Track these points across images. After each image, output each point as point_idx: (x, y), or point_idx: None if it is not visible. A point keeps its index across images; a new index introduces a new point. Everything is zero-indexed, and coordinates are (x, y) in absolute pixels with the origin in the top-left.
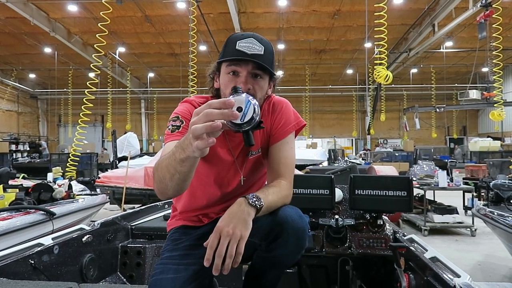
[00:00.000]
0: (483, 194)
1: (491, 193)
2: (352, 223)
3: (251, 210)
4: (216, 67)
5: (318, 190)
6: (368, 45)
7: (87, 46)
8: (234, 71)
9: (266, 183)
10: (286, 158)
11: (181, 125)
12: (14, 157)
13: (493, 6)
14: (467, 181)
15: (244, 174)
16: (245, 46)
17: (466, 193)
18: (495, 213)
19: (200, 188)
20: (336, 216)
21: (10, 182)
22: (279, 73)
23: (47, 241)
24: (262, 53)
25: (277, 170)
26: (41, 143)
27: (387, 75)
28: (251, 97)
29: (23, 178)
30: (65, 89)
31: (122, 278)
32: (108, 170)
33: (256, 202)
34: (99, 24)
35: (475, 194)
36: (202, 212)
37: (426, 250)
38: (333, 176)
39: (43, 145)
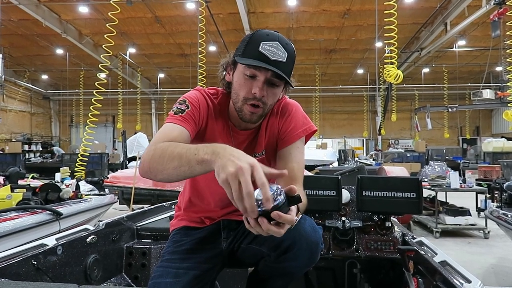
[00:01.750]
0: (496, 195)
1: (504, 194)
2: (360, 225)
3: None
4: (233, 61)
5: (325, 191)
6: (378, 44)
7: (98, 47)
8: (252, 74)
9: None
10: (298, 163)
11: (186, 110)
12: (26, 157)
13: (507, 3)
14: (480, 182)
15: None
16: (269, 50)
17: (479, 195)
18: (509, 215)
19: (208, 189)
20: (343, 218)
21: (20, 182)
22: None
23: (51, 241)
24: (285, 60)
25: (290, 175)
26: (53, 150)
27: (397, 74)
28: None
29: (32, 178)
30: (76, 90)
31: (127, 279)
32: (118, 170)
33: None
34: (107, 25)
35: (488, 195)
36: (206, 214)
37: (436, 254)
38: (340, 177)
39: (56, 151)
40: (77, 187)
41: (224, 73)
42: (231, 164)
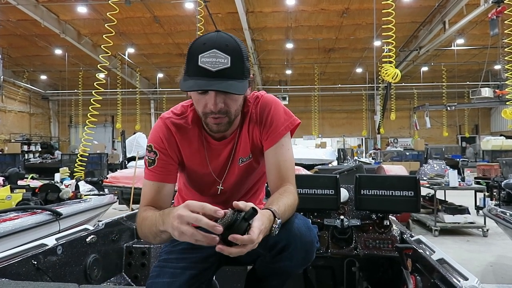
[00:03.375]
0: (495, 193)
1: (503, 192)
2: (358, 223)
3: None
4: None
5: (323, 190)
6: (377, 43)
7: (97, 47)
8: (202, 91)
9: (269, 187)
10: (286, 161)
11: (155, 158)
12: (26, 157)
13: (505, 2)
14: (479, 180)
15: (235, 179)
16: (208, 62)
17: (477, 193)
18: (507, 214)
19: (198, 190)
20: (342, 217)
21: (19, 182)
22: (288, 72)
23: (51, 241)
24: (229, 65)
25: (279, 175)
26: (54, 152)
27: (395, 73)
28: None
29: (32, 178)
30: (75, 90)
31: (127, 278)
32: (118, 170)
33: (274, 228)
34: (106, 25)
35: (487, 193)
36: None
37: (434, 252)
38: (338, 176)
39: (57, 155)
40: (77, 187)
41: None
42: (172, 230)
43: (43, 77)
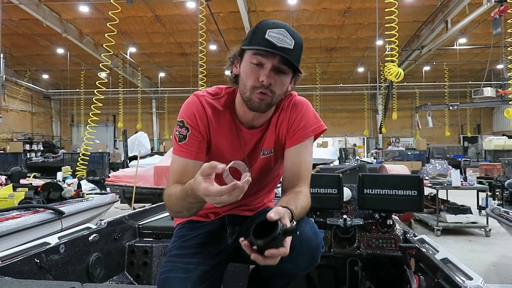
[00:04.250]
0: (497, 193)
1: (505, 192)
2: (361, 223)
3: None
4: (239, 52)
5: (326, 189)
6: (379, 42)
7: (99, 46)
8: (259, 62)
9: (282, 186)
10: (306, 163)
11: (187, 134)
12: (28, 156)
13: (507, 1)
14: (481, 180)
15: (253, 172)
16: (275, 37)
17: (480, 193)
18: (510, 213)
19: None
20: (345, 216)
21: (21, 181)
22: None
23: (53, 240)
24: (292, 47)
25: (297, 174)
26: (59, 151)
27: (398, 72)
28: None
29: (34, 177)
30: (77, 89)
31: (129, 277)
32: (120, 169)
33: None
34: (108, 24)
35: (489, 193)
36: (210, 210)
37: (437, 251)
38: (341, 175)
39: (61, 154)
40: (79, 186)
41: (232, 66)
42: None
43: (45, 76)
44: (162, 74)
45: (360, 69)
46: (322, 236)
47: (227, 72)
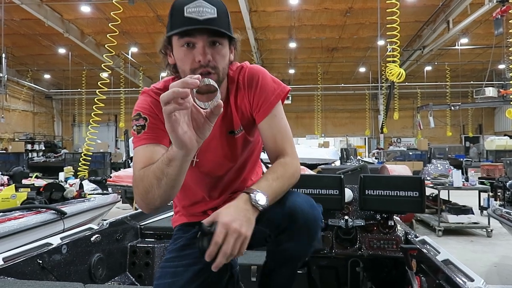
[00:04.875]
0: (499, 194)
1: (507, 193)
2: (362, 224)
3: (254, 210)
4: (167, 41)
5: (328, 190)
6: (381, 42)
7: (100, 46)
8: (188, 42)
9: (266, 162)
10: (280, 132)
11: (146, 124)
12: (29, 156)
13: (509, 1)
14: (483, 180)
15: (229, 154)
16: (194, 12)
17: (481, 193)
18: None
19: (191, 178)
20: (346, 217)
21: (23, 181)
22: (291, 71)
23: (56, 241)
24: (216, 15)
25: (275, 147)
26: (61, 151)
27: (399, 73)
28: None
29: (36, 177)
30: (79, 89)
31: (131, 277)
32: (121, 169)
33: (259, 203)
34: (109, 24)
35: (491, 194)
36: (205, 206)
37: (439, 252)
38: (342, 176)
39: (64, 154)
40: (81, 186)
41: (166, 58)
42: (166, 122)
43: (47, 76)
44: (163, 74)
45: (362, 69)
46: (321, 210)
47: (164, 64)
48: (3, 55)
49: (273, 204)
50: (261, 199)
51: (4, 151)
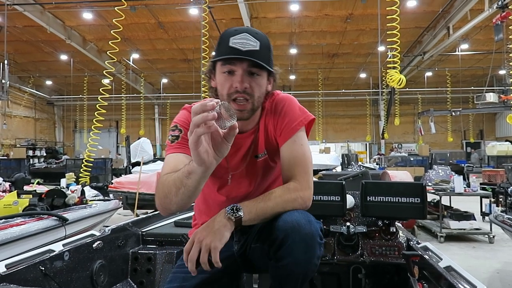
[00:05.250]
0: (501, 200)
1: (509, 199)
2: (364, 230)
3: (227, 222)
4: (212, 65)
5: (329, 197)
6: (381, 48)
7: (102, 53)
8: (229, 70)
9: None
10: (296, 158)
11: (180, 135)
12: (31, 162)
13: (509, 7)
14: (485, 186)
15: (252, 177)
16: (239, 43)
17: (483, 199)
18: None
19: (214, 199)
20: (348, 223)
21: (25, 187)
22: (292, 77)
23: (58, 247)
24: (258, 48)
25: (287, 171)
26: (62, 157)
27: (400, 79)
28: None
29: (38, 183)
30: (80, 96)
31: (133, 284)
32: (122, 175)
33: (233, 214)
34: (112, 31)
35: (492, 199)
36: None
37: (441, 259)
38: (344, 182)
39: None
40: (82, 192)
41: (210, 81)
42: (190, 143)
43: (49, 82)
44: (164, 80)
45: (362, 75)
46: (320, 227)
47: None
48: (6, 62)
49: (270, 220)
50: (236, 212)
51: (6, 157)
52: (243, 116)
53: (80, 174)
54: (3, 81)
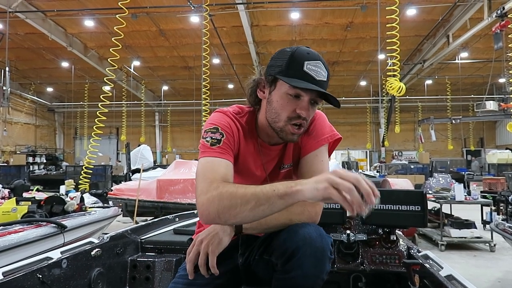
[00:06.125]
0: (502, 208)
1: (510, 207)
2: (364, 238)
3: (227, 228)
4: (271, 79)
5: (329, 204)
6: (381, 56)
7: (103, 60)
8: (297, 94)
9: None
10: (314, 173)
11: (222, 139)
12: (31, 169)
13: (508, 16)
14: (485, 194)
15: None
16: (313, 70)
17: (484, 207)
18: None
19: None
20: (348, 231)
21: (25, 194)
22: None
23: (56, 255)
24: (326, 79)
25: None
26: (61, 164)
27: (400, 87)
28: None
29: (37, 190)
30: (81, 102)
31: None
32: (122, 182)
33: None
34: (113, 39)
35: (493, 208)
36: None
37: (442, 268)
38: None
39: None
40: (82, 199)
41: (256, 89)
42: (315, 186)
43: (50, 89)
44: (165, 87)
45: (363, 83)
46: (331, 242)
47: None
48: (7, 69)
49: (279, 231)
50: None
51: (6, 164)
52: (294, 139)
53: (80, 181)
54: (4, 88)
